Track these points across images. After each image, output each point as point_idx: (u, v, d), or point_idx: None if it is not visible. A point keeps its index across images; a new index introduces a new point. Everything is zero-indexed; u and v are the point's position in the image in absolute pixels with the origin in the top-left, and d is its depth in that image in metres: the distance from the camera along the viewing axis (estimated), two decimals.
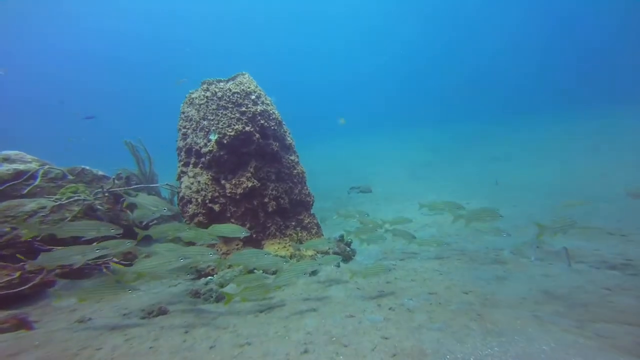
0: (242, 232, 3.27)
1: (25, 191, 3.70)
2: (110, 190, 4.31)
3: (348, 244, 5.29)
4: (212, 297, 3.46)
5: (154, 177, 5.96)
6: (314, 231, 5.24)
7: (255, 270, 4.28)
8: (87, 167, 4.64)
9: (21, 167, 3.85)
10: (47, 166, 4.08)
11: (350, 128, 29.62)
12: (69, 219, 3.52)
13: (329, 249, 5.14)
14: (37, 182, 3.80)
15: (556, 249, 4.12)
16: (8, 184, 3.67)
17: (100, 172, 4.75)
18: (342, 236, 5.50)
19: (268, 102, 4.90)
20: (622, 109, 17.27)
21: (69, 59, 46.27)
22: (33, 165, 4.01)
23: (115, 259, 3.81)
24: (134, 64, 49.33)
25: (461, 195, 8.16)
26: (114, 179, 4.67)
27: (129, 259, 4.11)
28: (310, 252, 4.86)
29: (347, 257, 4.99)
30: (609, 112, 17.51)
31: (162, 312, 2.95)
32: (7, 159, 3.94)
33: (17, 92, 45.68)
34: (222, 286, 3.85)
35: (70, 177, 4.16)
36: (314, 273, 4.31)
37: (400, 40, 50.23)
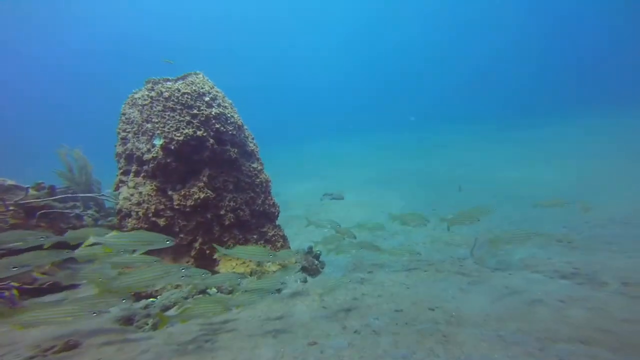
0: (167, 241, 2.59)
1: None
2: (20, 203, 3.56)
3: (317, 257, 4.96)
4: (147, 324, 2.89)
5: (92, 185, 5.16)
6: (279, 244, 4.84)
7: (209, 290, 3.77)
8: None
9: None
10: None
11: (326, 133, 29.72)
12: None
13: (296, 262, 4.78)
14: None
15: (514, 257, 4.18)
16: None
17: (10, 182, 3.94)
18: (310, 248, 5.16)
19: (226, 104, 4.50)
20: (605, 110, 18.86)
21: None
22: None
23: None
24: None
25: (431, 201, 8.30)
26: (27, 188, 3.89)
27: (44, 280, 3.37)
28: (274, 268, 4.45)
29: (315, 271, 4.66)
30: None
31: (70, 347, 2.34)
32: None
33: None
34: (166, 310, 3.28)
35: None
36: (278, 290, 3.90)
37: (374, 48, 51.66)
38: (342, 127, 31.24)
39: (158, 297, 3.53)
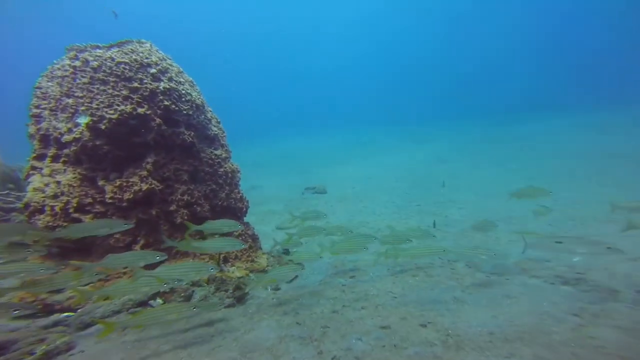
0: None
1: None
2: None
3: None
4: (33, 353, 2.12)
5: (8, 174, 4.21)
6: (248, 244, 4.17)
7: (152, 302, 3.04)
8: None
9: None
10: None
11: (308, 126, 28.84)
12: None
13: (268, 266, 4.15)
14: None
15: (509, 260, 3.78)
16: None
17: None
18: (287, 250, 4.55)
19: (182, 80, 3.75)
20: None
21: None
22: None
23: None
24: None
25: (411, 197, 7.93)
26: None
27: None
28: (239, 273, 3.79)
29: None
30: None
31: None
32: None
33: None
34: (84, 328, 2.52)
35: None
36: (240, 301, 3.26)
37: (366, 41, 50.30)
38: (332, 121, 30.67)
39: (78, 310, 2.74)
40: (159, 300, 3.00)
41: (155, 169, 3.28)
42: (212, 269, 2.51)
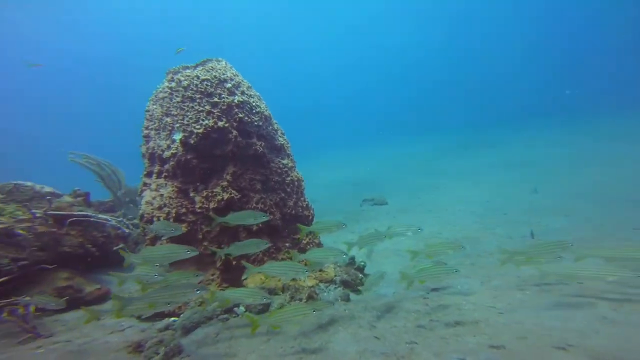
0: (187, 252, 2.33)
1: None
2: (48, 212, 3.38)
3: (361, 269, 4.09)
4: (158, 353, 2.32)
5: (131, 195, 5.08)
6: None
7: (236, 309, 3.16)
8: (27, 183, 3.79)
9: None
10: None
11: (353, 139, 28.51)
12: None
13: (336, 276, 3.97)
14: None
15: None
16: None
17: (47, 189, 3.89)
18: (352, 258, 4.32)
19: (251, 93, 3.99)
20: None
21: None
22: None
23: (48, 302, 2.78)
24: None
25: (491, 205, 6.85)
26: (49, 198, 3.76)
27: (67, 294, 3.09)
28: (310, 282, 3.70)
29: (360, 287, 3.79)
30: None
31: None
32: None
33: None
34: (187, 332, 2.73)
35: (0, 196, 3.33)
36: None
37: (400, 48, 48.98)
38: (374, 133, 29.97)
39: (181, 315, 3.02)
40: (242, 308, 3.08)
41: (233, 179, 3.47)
42: (306, 271, 2.47)
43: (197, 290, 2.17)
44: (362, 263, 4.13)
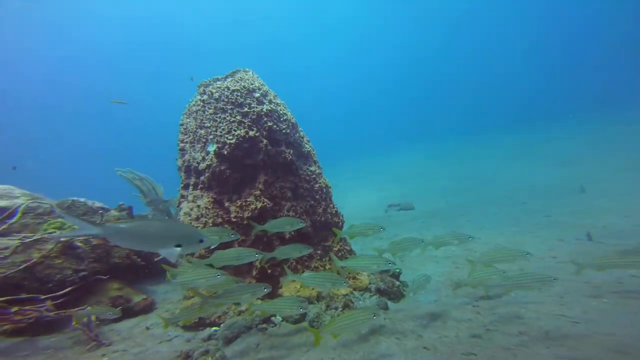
0: (256, 255, 2.45)
1: (0, 229, 3.18)
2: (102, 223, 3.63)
3: (397, 276, 3.93)
4: None
5: (167, 209, 5.36)
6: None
7: (273, 318, 3.15)
8: (81, 199, 4.13)
9: (2, 203, 3.42)
10: (30, 201, 3.61)
11: (368, 147, 28.08)
12: (34, 260, 2.84)
13: (370, 284, 3.84)
14: (14, 220, 3.29)
15: None
16: None
17: (98, 204, 4.21)
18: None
19: (278, 102, 4.05)
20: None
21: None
22: (20, 201, 3.56)
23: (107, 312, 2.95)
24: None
25: (530, 207, 6.32)
26: (102, 212, 4.06)
27: (119, 304, 3.28)
28: (344, 291, 3.61)
29: (397, 294, 3.65)
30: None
31: None
32: None
33: None
34: (229, 342, 2.76)
35: (59, 211, 3.65)
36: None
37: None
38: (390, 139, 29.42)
39: (221, 324, 3.08)
40: (279, 317, 3.07)
41: (265, 187, 3.51)
42: (344, 282, 2.41)
43: (265, 288, 2.38)
44: (398, 270, 3.96)
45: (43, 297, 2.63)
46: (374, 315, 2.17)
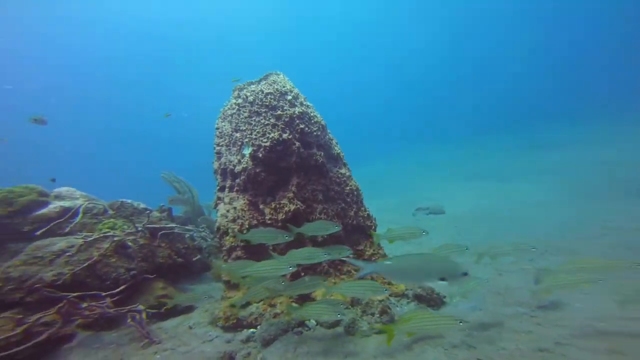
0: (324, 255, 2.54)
1: (68, 229, 3.54)
2: (146, 225, 3.90)
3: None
4: None
5: (200, 210, 5.64)
6: None
7: (308, 322, 3.13)
8: (128, 200, 4.46)
9: (66, 204, 3.80)
10: (88, 202, 3.97)
11: (384, 148, 27.21)
12: (94, 258, 3.10)
13: (407, 289, 3.68)
14: (77, 219, 3.64)
15: None
16: (53, 222, 3.57)
17: (142, 205, 4.52)
18: None
19: (308, 104, 4.06)
20: None
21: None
22: (79, 202, 3.94)
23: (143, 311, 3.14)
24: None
25: (577, 212, 5.67)
26: (148, 213, 4.34)
27: (163, 303, 3.47)
28: (380, 297, 3.49)
29: (436, 302, 3.45)
30: None
31: None
32: (58, 196, 3.97)
33: None
34: (267, 344, 2.78)
35: (111, 211, 3.97)
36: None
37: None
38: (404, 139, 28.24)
39: (258, 327, 3.12)
40: (313, 321, 3.04)
41: (298, 190, 3.52)
42: (386, 290, 2.32)
43: (325, 281, 2.52)
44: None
45: (104, 294, 2.85)
46: (461, 322, 2.03)
